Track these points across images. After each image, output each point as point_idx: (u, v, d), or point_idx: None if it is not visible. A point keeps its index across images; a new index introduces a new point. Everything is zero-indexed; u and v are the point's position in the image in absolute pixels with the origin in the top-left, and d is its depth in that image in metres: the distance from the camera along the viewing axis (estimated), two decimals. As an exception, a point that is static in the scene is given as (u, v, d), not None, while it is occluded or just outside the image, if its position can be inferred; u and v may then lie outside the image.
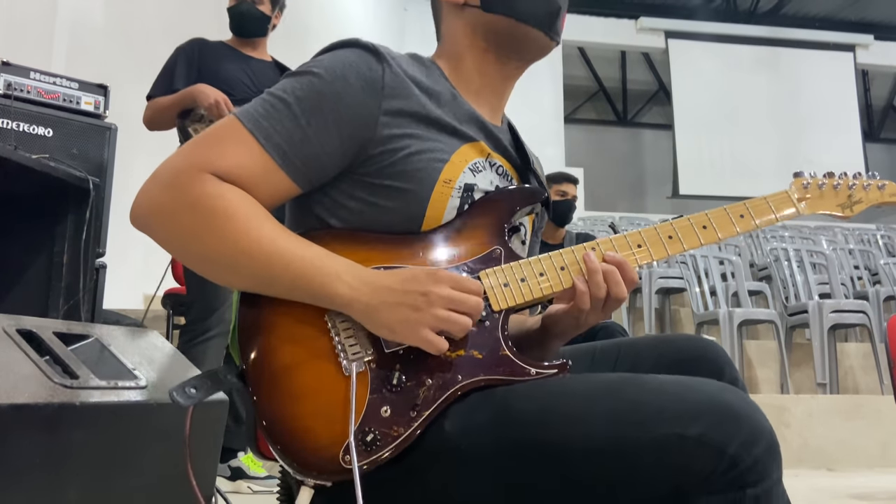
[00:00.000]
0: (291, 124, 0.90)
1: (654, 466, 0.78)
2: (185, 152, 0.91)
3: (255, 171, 0.90)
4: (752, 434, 0.77)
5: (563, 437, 0.81)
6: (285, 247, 0.87)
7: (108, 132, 2.32)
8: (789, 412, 3.89)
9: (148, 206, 0.89)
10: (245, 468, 2.58)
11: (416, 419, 0.85)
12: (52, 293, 2.01)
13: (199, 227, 0.87)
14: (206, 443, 1.37)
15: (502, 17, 1.03)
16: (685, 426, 0.77)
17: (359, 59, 0.94)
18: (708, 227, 1.00)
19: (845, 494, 2.94)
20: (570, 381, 0.88)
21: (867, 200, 1.08)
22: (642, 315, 5.42)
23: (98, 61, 3.66)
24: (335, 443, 0.82)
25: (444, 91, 1.02)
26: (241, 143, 0.90)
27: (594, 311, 0.96)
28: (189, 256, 0.90)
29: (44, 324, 1.32)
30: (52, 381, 1.17)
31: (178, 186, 0.88)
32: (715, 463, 0.76)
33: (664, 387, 0.82)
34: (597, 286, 0.93)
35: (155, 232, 0.90)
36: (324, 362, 0.87)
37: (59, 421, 1.14)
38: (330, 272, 0.86)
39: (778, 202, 1.03)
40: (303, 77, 0.93)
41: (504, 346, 0.90)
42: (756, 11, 12.18)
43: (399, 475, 0.86)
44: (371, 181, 0.94)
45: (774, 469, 0.78)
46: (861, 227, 8.87)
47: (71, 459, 1.17)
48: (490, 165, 1.03)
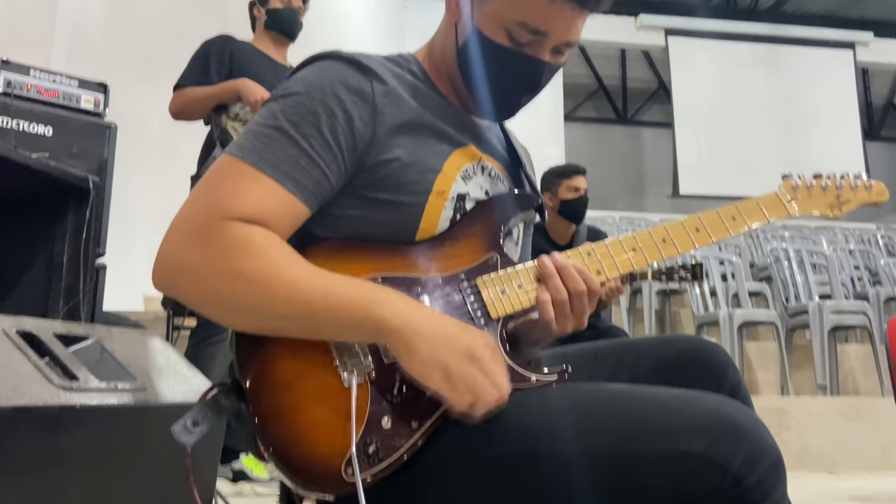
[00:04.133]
0: (294, 150, 0.88)
1: (656, 482, 0.77)
2: (197, 204, 0.87)
3: (272, 205, 0.86)
4: (755, 451, 0.76)
5: (564, 450, 0.80)
6: (325, 283, 0.84)
7: (108, 131, 2.31)
8: (789, 414, 3.89)
9: (175, 268, 0.85)
10: (247, 471, 2.57)
11: (417, 430, 0.84)
12: (51, 294, 2.00)
13: (232, 277, 0.83)
14: (205, 446, 1.37)
15: (461, 78, 1.01)
16: (688, 442, 0.76)
17: (344, 73, 0.93)
18: (700, 229, 1.00)
19: (845, 496, 2.94)
20: (570, 391, 0.87)
21: (855, 200, 1.09)
22: (642, 316, 5.42)
23: (98, 60, 3.65)
24: (337, 456, 0.82)
25: (430, 96, 1.01)
26: (251, 180, 0.86)
27: (563, 318, 0.94)
28: (224, 311, 0.86)
29: (44, 325, 1.32)
30: (53, 383, 1.17)
31: (204, 242, 0.84)
32: (718, 480, 0.75)
33: (666, 401, 0.81)
34: (555, 289, 0.93)
35: (184, 292, 0.86)
36: (323, 375, 0.85)
37: (59, 423, 1.14)
38: (376, 299, 0.83)
39: (768, 204, 1.04)
40: (290, 99, 0.91)
41: (503, 354, 0.90)
42: (756, 9, 12.17)
43: (401, 488, 0.85)
44: (365, 194, 0.93)
45: (779, 486, 0.77)
46: (861, 228, 8.87)
47: (71, 461, 1.17)
48: (482, 169, 1.03)
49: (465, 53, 0.99)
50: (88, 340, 1.39)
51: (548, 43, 0.96)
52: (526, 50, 0.96)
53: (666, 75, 12.19)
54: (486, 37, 0.96)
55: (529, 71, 0.98)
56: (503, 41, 0.95)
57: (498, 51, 0.96)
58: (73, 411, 1.16)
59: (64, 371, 1.24)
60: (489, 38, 0.96)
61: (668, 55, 11.85)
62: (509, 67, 0.97)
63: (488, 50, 0.96)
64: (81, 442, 1.19)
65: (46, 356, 1.25)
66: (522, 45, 0.95)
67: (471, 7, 0.97)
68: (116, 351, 1.40)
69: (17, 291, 2.04)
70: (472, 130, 1.05)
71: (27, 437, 1.10)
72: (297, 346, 0.86)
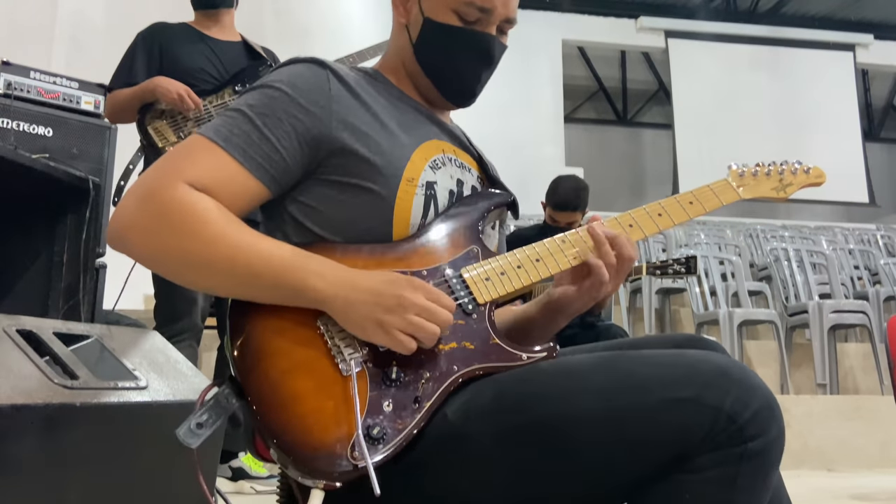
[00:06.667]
0: (248, 127, 0.96)
1: (653, 432, 0.80)
2: (155, 167, 0.95)
3: (222, 174, 0.94)
4: (746, 392, 0.79)
5: (562, 414, 0.83)
6: (265, 246, 0.91)
7: (108, 132, 2.31)
8: (789, 413, 3.89)
9: (125, 222, 0.92)
10: (247, 468, 2.57)
11: (418, 411, 0.86)
12: (51, 293, 2.01)
13: (178, 232, 0.89)
14: (206, 444, 1.37)
15: (422, 71, 1.10)
16: (679, 390, 0.80)
17: (305, 68, 1.02)
18: (663, 214, 1.09)
19: (845, 495, 2.95)
20: (561, 361, 0.91)
21: (797, 183, 1.19)
22: (642, 315, 5.43)
23: (98, 61, 3.66)
24: (343, 440, 0.83)
25: (395, 93, 1.10)
26: (206, 150, 0.95)
27: (613, 279, 1.01)
28: (168, 265, 0.93)
29: (44, 324, 1.32)
30: (52, 382, 1.17)
31: (153, 198, 0.91)
32: (712, 421, 0.78)
33: (655, 358, 0.85)
34: (607, 255, 1.00)
35: (133, 246, 0.92)
36: (321, 366, 0.88)
37: (58, 421, 1.14)
38: (310, 269, 0.89)
39: (720, 190, 1.13)
40: (255, 90, 1.00)
41: (493, 336, 0.95)
42: (756, 11, 12.17)
43: (407, 470, 0.86)
44: (338, 179, 1.00)
45: (773, 425, 0.80)
46: (861, 228, 8.88)
47: (71, 460, 1.17)
48: (450, 160, 1.10)
49: (422, 45, 1.09)
50: (88, 339, 1.40)
51: (493, 20, 1.06)
52: (476, 27, 1.06)
53: (666, 77, 12.19)
54: (437, 22, 1.06)
55: (483, 45, 1.07)
56: (455, 22, 1.06)
57: (452, 32, 1.06)
58: (73, 410, 1.16)
59: (64, 370, 1.25)
60: (441, 23, 1.06)
61: (668, 57, 11.86)
62: (465, 45, 1.07)
63: (442, 33, 1.07)
64: (81, 440, 1.19)
65: (46, 355, 1.26)
66: (472, 23, 1.06)
67: (418, 4, 1.08)
68: (116, 349, 1.41)
69: (17, 291, 2.05)
70: (438, 125, 1.13)
71: (27, 435, 1.10)
72: (292, 340, 0.89)
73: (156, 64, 2.55)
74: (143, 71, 2.54)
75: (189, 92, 2.41)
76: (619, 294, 5.36)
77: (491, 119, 10.69)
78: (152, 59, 2.56)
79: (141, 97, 2.47)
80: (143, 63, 2.56)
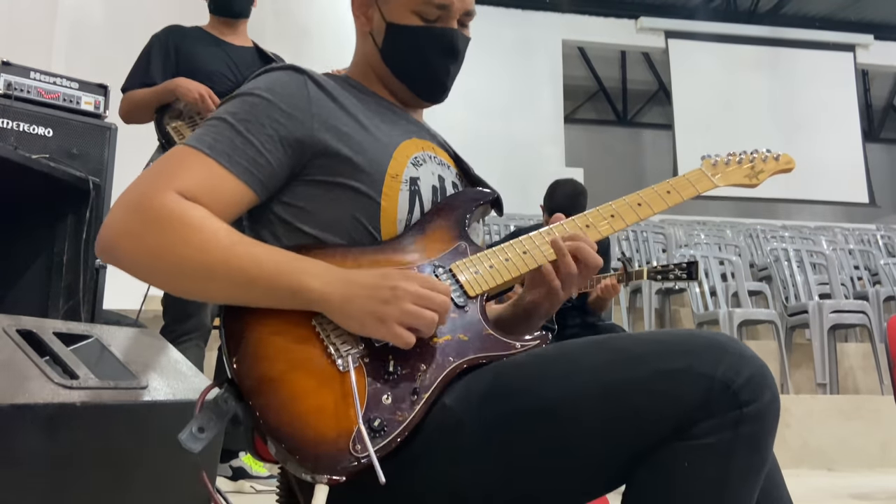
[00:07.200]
0: (231, 133, 0.98)
1: (650, 405, 0.81)
2: (143, 178, 0.96)
3: (210, 181, 0.95)
4: (737, 359, 0.81)
5: (558, 396, 0.84)
6: (258, 251, 0.92)
7: (109, 132, 2.32)
8: (789, 412, 3.89)
9: (116, 232, 0.91)
10: (247, 468, 2.57)
11: (417, 402, 0.87)
12: (52, 293, 2.01)
13: (171, 240, 0.89)
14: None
15: (392, 74, 1.13)
16: (672, 361, 0.82)
17: (283, 75, 1.04)
18: (643, 204, 1.11)
19: (845, 494, 2.95)
20: (555, 345, 0.92)
21: (767, 170, 1.24)
22: (642, 315, 5.43)
23: (98, 61, 3.66)
24: (344, 435, 0.84)
25: (371, 95, 1.13)
26: (192, 158, 0.96)
27: (574, 283, 1.04)
28: (161, 273, 0.93)
29: (44, 324, 1.32)
30: (53, 382, 1.17)
31: (144, 206, 0.91)
32: (707, 388, 0.80)
33: (646, 335, 0.88)
34: (567, 265, 1.02)
35: (123, 255, 0.91)
36: (319, 364, 0.88)
37: (58, 421, 1.14)
38: (304, 270, 0.90)
39: (695, 179, 1.17)
40: (234, 99, 1.02)
41: (486, 327, 0.96)
42: (756, 11, 12.16)
43: (409, 461, 0.86)
44: (324, 179, 1.02)
45: (766, 391, 0.81)
46: (861, 228, 8.87)
47: (71, 459, 1.17)
48: (430, 158, 1.12)
49: (389, 49, 1.12)
50: (88, 339, 1.40)
51: (453, 14, 1.10)
52: (437, 24, 1.10)
53: (666, 77, 12.18)
54: (400, 25, 1.10)
55: (447, 41, 1.11)
56: (417, 22, 1.10)
57: (415, 32, 1.10)
58: (73, 409, 1.17)
59: (64, 369, 1.25)
60: (404, 25, 1.10)
61: (668, 57, 11.85)
62: (429, 43, 1.11)
63: (407, 35, 1.10)
64: (81, 440, 1.19)
65: (46, 355, 1.26)
66: (433, 21, 1.10)
67: (378, 11, 1.12)
68: (116, 349, 1.41)
69: (18, 291, 2.05)
70: (415, 124, 1.16)
71: (27, 435, 1.10)
72: (288, 341, 0.90)
73: (171, 65, 2.59)
74: (159, 72, 2.58)
75: (210, 93, 2.45)
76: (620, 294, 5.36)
77: (491, 119, 10.72)
78: (168, 61, 2.60)
79: (160, 97, 2.51)
80: (159, 64, 2.60)
